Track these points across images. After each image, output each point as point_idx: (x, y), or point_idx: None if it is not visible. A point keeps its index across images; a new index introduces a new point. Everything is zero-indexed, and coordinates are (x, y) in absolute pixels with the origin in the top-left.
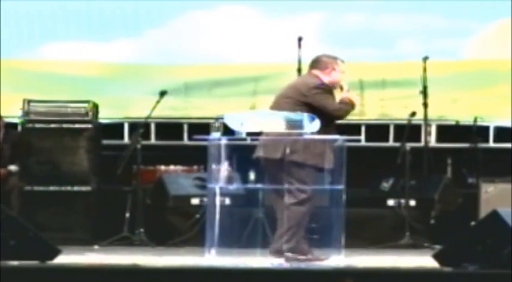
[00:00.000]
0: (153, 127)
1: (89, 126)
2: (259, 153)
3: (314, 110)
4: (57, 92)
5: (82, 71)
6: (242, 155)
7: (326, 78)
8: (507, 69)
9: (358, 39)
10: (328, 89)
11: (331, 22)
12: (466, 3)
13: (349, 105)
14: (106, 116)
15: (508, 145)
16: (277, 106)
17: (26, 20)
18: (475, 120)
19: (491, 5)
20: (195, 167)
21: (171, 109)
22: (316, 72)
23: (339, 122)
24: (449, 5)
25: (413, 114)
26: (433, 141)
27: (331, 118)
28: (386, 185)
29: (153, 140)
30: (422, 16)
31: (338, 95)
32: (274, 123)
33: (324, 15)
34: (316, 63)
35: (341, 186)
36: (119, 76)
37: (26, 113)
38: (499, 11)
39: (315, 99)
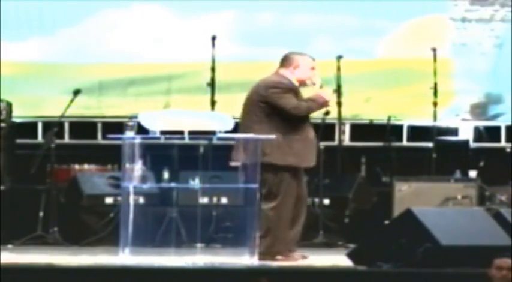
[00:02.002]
0: (66, 126)
1: (3, 125)
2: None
3: (275, 109)
4: None
5: None
6: (156, 154)
7: (291, 75)
8: (420, 68)
9: (272, 38)
10: (287, 88)
11: (244, 21)
12: (379, 3)
13: (315, 102)
14: (19, 115)
15: (421, 144)
16: (243, 107)
17: None
18: (389, 119)
19: (404, 4)
20: (109, 166)
21: (85, 108)
22: (280, 69)
23: None
24: (361, 5)
25: (327, 113)
26: (346, 140)
27: (292, 116)
28: None
29: (66, 139)
30: (335, 15)
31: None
32: (190, 122)
33: (237, 14)
34: (282, 61)
35: (255, 185)
36: (32, 75)
37: None
38: (411, 11)
39: (272, 99)
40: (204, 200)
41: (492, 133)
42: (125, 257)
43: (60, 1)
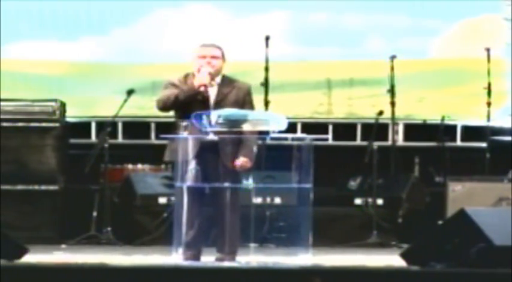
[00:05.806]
0: (120, 126)
1: (56, 125)
2: None
3: None
4: (23, 91)
5: (49, 70)
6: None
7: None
8: (473, 67)
9: (326, 38)
10: (166, 83)
11: (298, 21)
12: (432, 2)
13: (181, 89)
14: (73, 114)
15: (475, 144)
16: None
17: None
18: (442, 119)
19: (457, 4)
20: (163, 166)
21: (139, 108)
22: None
23: (307, 120)
24: (415, 5)
25: (380, 113)
26: (400, 140)
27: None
28: (353, 183)
29: (120, 139)
30: (389, 15)
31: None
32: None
33: (291, 14)
34: None
35: (309, 185)
36: (86, 75)
37: None
38: (464, 11)
39: None
40: (258, 200)
41: None
42: (178, 257)
43: (114, 1)
